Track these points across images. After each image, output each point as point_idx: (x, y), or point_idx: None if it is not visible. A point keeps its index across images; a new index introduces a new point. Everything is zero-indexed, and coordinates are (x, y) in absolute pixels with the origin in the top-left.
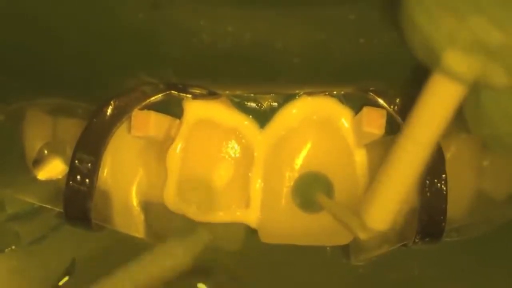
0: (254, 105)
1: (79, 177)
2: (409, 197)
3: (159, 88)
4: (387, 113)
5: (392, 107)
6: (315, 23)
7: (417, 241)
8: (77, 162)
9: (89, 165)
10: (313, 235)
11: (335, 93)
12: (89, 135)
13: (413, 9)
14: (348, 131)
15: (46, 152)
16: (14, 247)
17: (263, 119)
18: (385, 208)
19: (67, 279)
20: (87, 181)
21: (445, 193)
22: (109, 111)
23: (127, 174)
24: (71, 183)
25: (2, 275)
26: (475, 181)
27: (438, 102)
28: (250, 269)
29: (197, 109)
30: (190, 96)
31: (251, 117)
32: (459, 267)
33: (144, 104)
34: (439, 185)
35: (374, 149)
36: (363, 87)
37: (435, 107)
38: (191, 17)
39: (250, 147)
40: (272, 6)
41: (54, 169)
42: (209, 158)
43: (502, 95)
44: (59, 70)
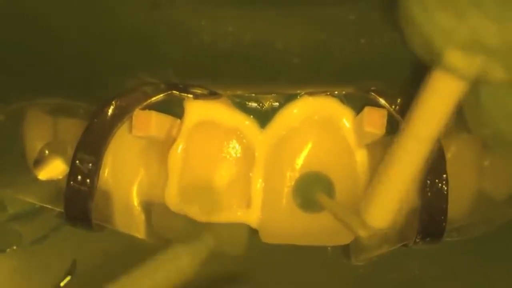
0: (255, 105)
1: (80, 177)
2: (410, 197)
3: (160, 88)
4: (388, 113)
5: (393, 107)
6: (315, 23)
7: (417, 241)
8: (78, 162)
9: (90, 165)
10: (313, 235)
11: (336, 93)
12: (90, 135)
13: (412, 8)
14: (349, 131)
15: (46, 152)
16: (15, 247)
17: (264, 119)
18: (385, 206)
19: (68, 279)
20: (88, 181)
21: (446, 193)
22: (110, 111)
23: (128, 174)
24: (72, 183)
25: (3, 275)
26: (475, 181)
27: (438, 99)
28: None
29: (198, 109)
30: (191, 96)
31: (252, 117)
32: (459, 267)
33: (145, 104)
34: (440, 185)
35: (375, 149)
36: (364, 87)
37: (436, 104)
38: (191, 17)
39: (251, 147)
40: (272, 6)
41: (54, 169)
42: (210, 158)
43: (502, 94)
44: (59, 70)
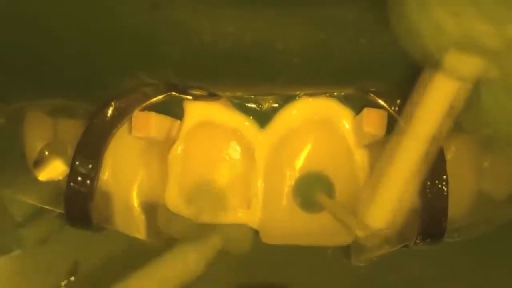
0: (254, 106)
1: (80, 178)
2: (409, 197)
3: (160, 89)
4: (387, 114)
5: (392, 107)
6: (315, 23)
7: (418, 242)
8: (77, 163)
9: (90, 166)
10: (314, 235)
11: (336, 94)
12: (90, 136)
13: (411, 9)
14: (348, 131)
15: (46, 152)
16: (16, 248)
17: (264, 120)
18: (383, 206)
19: (69, 280)
20: (88, 182)
21: (446, 193)
22: (110, 112)
23: (128, 174)
24: (72, 184)
25: (4, 277)
26: (475, 181)
27: (436, 99)
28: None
29: (198, 111)
30: (190, 97)
31: (251, 118)
32: (459, 267)
33: (144, 105)
34: (440, 185)
35: (375, 149)
36: (363, 87)
37: (434, 105)
38: (191, 17)
39: (250, 147)
40: (272, 6)
41: (54, 170)
42: (210, 159)
43: (502, 94)
44: (59, 70)
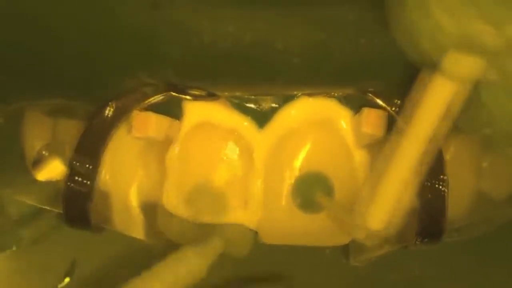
0: (253, 106)
1: (78, 178)
2: (408, 198)
3: (159, 89)
4: (387, 114)
5: (392, 108)
6: (315, 23)
7: (417, 242)
8: (76, 163)
9: (89, 166)
10: (313, 235)
11: (335, 94)
12: (88, 136)
13: (411, 11)
14: (347, 131)
15: (45, 153)
16: (14, 248)
17: (263, 120)
18: (382, 206)
19: (68, 280)
20: (87, 182)
21: (445, 193)
22: (109, 112)
23: (127, 175)
24: (70, 184)
25: (2, 276)
26: (474, 182)
27: (435, 100)
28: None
29: (196, 111)
30: (189, 97)
31: (250, 118)
32: (459, 267)
33: (143, 105)
34: (439, 186)
35: (374, 149)
36: (363, 87)
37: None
38: (191, 17)
39: (249, 148)
40: (272, 6)
41: (53, 170)
42: (209, 159)
43: (502, 94)
44: (59, 70)
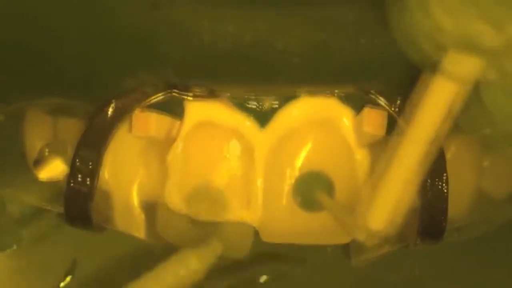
0: (254, 105)
1: (80, 178)
2: (410, 199)
3: (160, 88)
4: (388, 114)
5: (393, 107)
6: (315, 23)
7: (418, 242)
8: (78, 162)
9: (90, 165)
10: (314, 234)
11: (336, 93)
12: (90, 135)
13: (411, 11)
14: (349, 131)
15: (46, 152)
16: (15, 247)
17: (264, 119)
18: (384, 207)
19: (68, 279)
20: (88, 181)
21: (446, 193)
22: (110, 111)
23: (128, 174)
24: (72, 183)
25: (3, 275)
26: (475, 181)
27: (436, 101)
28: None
29: (198, 110)
30: (190, 96)
31: (251, 117)
32: (459, 267)
33: (144, 104)
34: (440, 185)
35: (375, 149)
36: (363, 87)
37: (434, 107)
38: (191, 17)
39: (250, 147)
40: (272, 6)
41: (54, 169)
42: (210, 158)
43: (502, 94)
44: (59, 70)
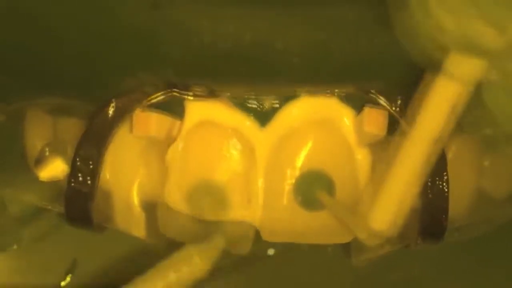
0: (255, 105)
1: (80, 177)
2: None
3: (160, 88)
4: (388, 113)
5: (393, 107)
6: (315, 23)
7: (419, 242)
8: (78, 162)
9: (91, 165)
10: (314, 233)
11: (337, 93)
12: (90, 135)
13: (413, 11)
14: (349, 130)
15: (47, 152)
16: (15, 247)
17: (264, 119)
18: (386, 208)
19: (69, 279)
20: (89, 181)
21: (447, 193)
22: (110, 111)
23: (128, 173)
24: (72, 183)
25: (3, 275)
26: (475, 181)
27: (439, 102)
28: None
29: (198, 110)
30: (191, 96)
31: (252, 117)
32: (459, 267)
33: (145, 104)
34: (440, 185)
35: (375, 148)
36: (364, 87)
37: (437, 108)
38: (191, 17)
39: (251, 146)
40: (272, 6)
41: (55, 169)
42: (210, 158)
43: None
44: (59, 70)
